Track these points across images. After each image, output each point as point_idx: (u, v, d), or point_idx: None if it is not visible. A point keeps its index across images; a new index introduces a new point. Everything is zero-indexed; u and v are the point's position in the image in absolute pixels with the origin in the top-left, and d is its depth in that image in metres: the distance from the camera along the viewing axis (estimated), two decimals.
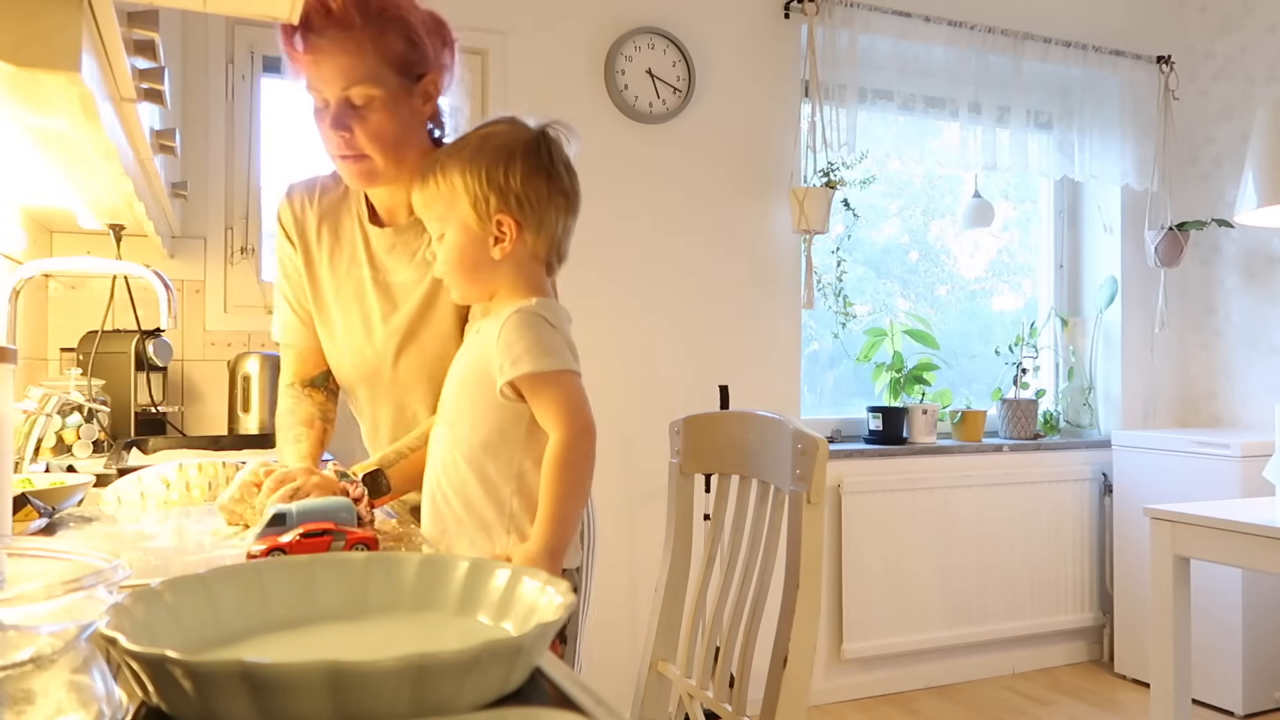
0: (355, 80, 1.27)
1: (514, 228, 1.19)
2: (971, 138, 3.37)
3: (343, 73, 1.27)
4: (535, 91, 2.86)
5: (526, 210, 1.20)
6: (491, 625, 0.71)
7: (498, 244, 1.20)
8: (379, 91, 1.28)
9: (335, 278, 1.45)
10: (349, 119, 1.28)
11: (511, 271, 1.22)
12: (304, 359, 1.50)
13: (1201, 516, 2.21)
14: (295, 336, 1.50)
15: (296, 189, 1.50)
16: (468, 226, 1.20)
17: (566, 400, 1.15)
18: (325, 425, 1.46)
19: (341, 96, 1.28)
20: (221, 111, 2.59)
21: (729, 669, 1.34)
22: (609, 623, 2.85)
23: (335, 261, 1.45)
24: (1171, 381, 3.77)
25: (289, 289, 1.50)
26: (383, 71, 1.28)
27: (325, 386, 1.50)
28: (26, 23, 0.74)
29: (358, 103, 1.28)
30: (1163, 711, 2.27)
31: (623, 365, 2.96)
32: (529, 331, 1.15)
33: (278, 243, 1.51)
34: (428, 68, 1.34)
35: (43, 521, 1.19)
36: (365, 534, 0.99)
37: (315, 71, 1.28)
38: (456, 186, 1.19)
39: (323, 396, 1.49)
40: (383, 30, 1.27)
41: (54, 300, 2.42)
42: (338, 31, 1.26)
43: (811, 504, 1.20)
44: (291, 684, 0.49)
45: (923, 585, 3.31)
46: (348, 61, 1.26)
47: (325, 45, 1.26)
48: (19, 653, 0.51)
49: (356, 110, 1.29)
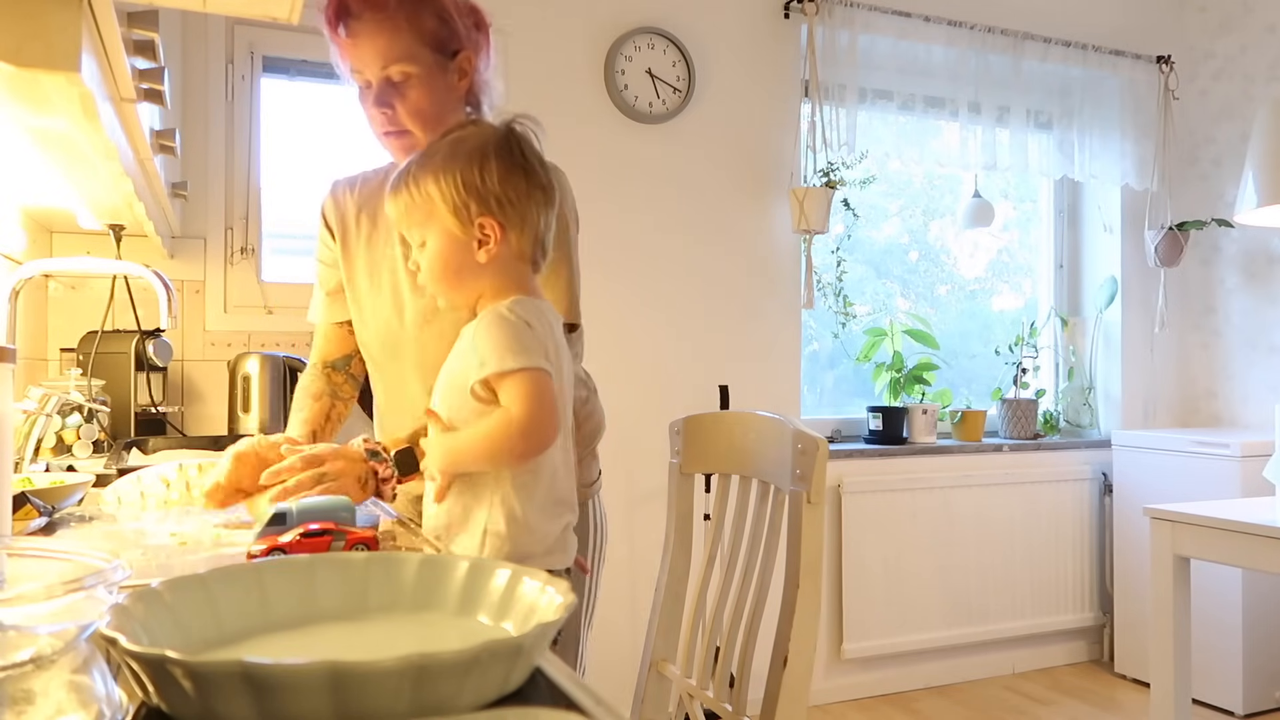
0: (393, 59, 1.36)
1: (498, 230, 1.17)
2: (971, 138, 3.37)
3: (380, 52, 1.36)
4: (535, 91, 2.86)
5: (508, 210, 1.17)
6: (491, 625, 0.71)
7: (482, 247, 1.17)
8: (416, 68, 1.37)
9: (371, 257, 1.50)
10: (390, 96, 1.37)
11: (496, 273, 1.19)
12: (330, 340, 1.59)
13: (1201, 516, 2.21)
14: (327, 318, 1.59)
15: (340, 183, 1.58)
16: (450, 233, 1.17)
17: (532, 392, 1.11)
18: (334, 401, 1.55)
19: (382, 76, 1.37)
20: (221, 111, 2.59)
21: (729, 669, 1.34)
22: (609, 623, 2.85)
23: (372, 243, 1.51)
24: (1171, 381, 3.77)
25: (324, 274, 1.58)
26: (418, 49, 1.37)
27: (346, 370, 1.58)
28: (26, 23, 0.74)
29: (397, 80, 1.37)
30: (1163, 711, 2.27)
31: (623, 365, 2.96)
32: (497, 330, 1.13)
33: (319, 233, 1.58)
34: (461, 44, 1.42)
35: (42, 521, 1.19)
36: (365, 534, 0.99)
37: (356, 54, 1.37)
38: (432, 195, 1.16)
39: (341, 378, 1.58)
40: (416, 10, 1.36)
41: (54, 300, 2.42)
42: (374, 14, 1.35)
43: (811, 504, 1.20)
44: (291, 684, 0.49)
45: (923, 585, 3.31)
46: (385, 41, 1.35)
47: (364, 28, 1.36)
48: (19, 653, 0.51)
49: (396, 87, 1.37)
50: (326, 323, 1.59)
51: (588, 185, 3.05)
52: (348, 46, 1.38)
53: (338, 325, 1.58)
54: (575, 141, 2.91)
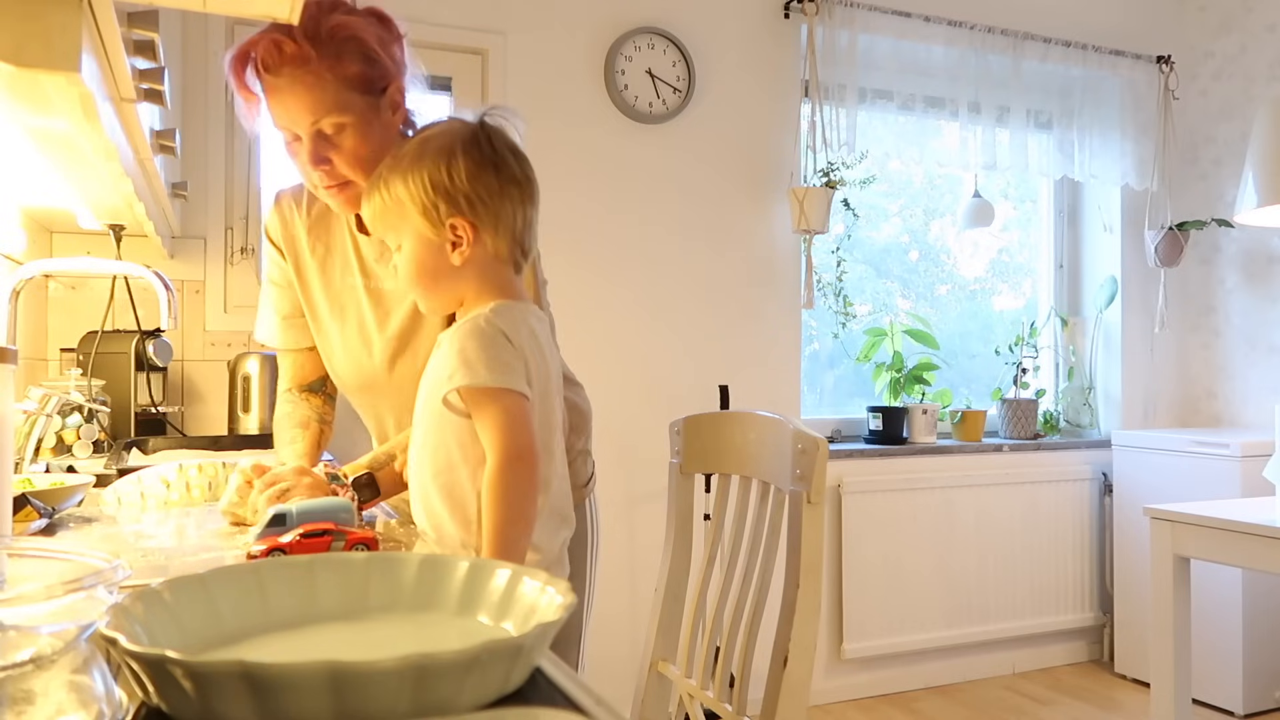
0: (323, 112, 1.25)
1: (470, 230, 1.13)
2: (971, 138, 3.37)
3: (308, 108, 1.24)
4: (535, 91, 2.86)
5: (480, 209, 1.13)
6: (491, 625, 0.71)
7: (455, 249, 1.13)
8: (348, 117, 1.26)
9: (330, 288, 1.44)
10: (325, 150, 1.27)
11: (476, 276, 1.15)
12: (300, 365, 1.51)
13: (1201, 516, 2.21)
14: (290, 343, 1.51)
15: (284, 197, 1.48)
16: (422, 236, 1.13)
17: (504, 421, 1.08)
18: (322, 428, 1.48)
19: (312, 130, 1.26)
20: (221, 111, 2.59)
21: (729, 669, 1.34)
22: (609, 623, 2.84)
23: (328, 271, 1.44)
24: (1171, 381, 3.77)
25: (279, 297, 1.50)
26: (347, 97, 1.25)
27: (323, 391, 1.52)
28: (26, 23, 0.74)
29: (329, 132, 1.26)
30: (1163, 711, 2.27)
31: (623, 365, 2.96)
32: (472, 342, 1.09)
33: (267, 251, 1.49)
34: (389, 78, 1.30)
35: (43, 522, 1.19)
36: (365, 534, 0.99)
37: (280, 110, 1.26)
38: (401, 198, 1.12)
39: (320, 400, 1.51)
40: (339, 56, 1.24)
41: (54, 300, 2.42)
42: (295, 69, 1.23)
43: (811, 504, 1.20)
44: (291, 684, 0.49)
45: (923, 585, 3.31)
46: (310, 96, 1.24)
47: (285, 84, 1.24)
48: (19, 653, 0.51)
49: (330, 140, 1.27)
50: (288, 349, 1.50)
51: (587, 185, 3.07)
52: (268, 103, 1.27)
53: (303, 349, 1.50)
54: (575, 142, 2.91)
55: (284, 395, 1.51)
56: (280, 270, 1.48)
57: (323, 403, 1.51)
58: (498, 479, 1.08)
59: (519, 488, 1.08)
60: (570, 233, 2.87)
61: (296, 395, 1.50)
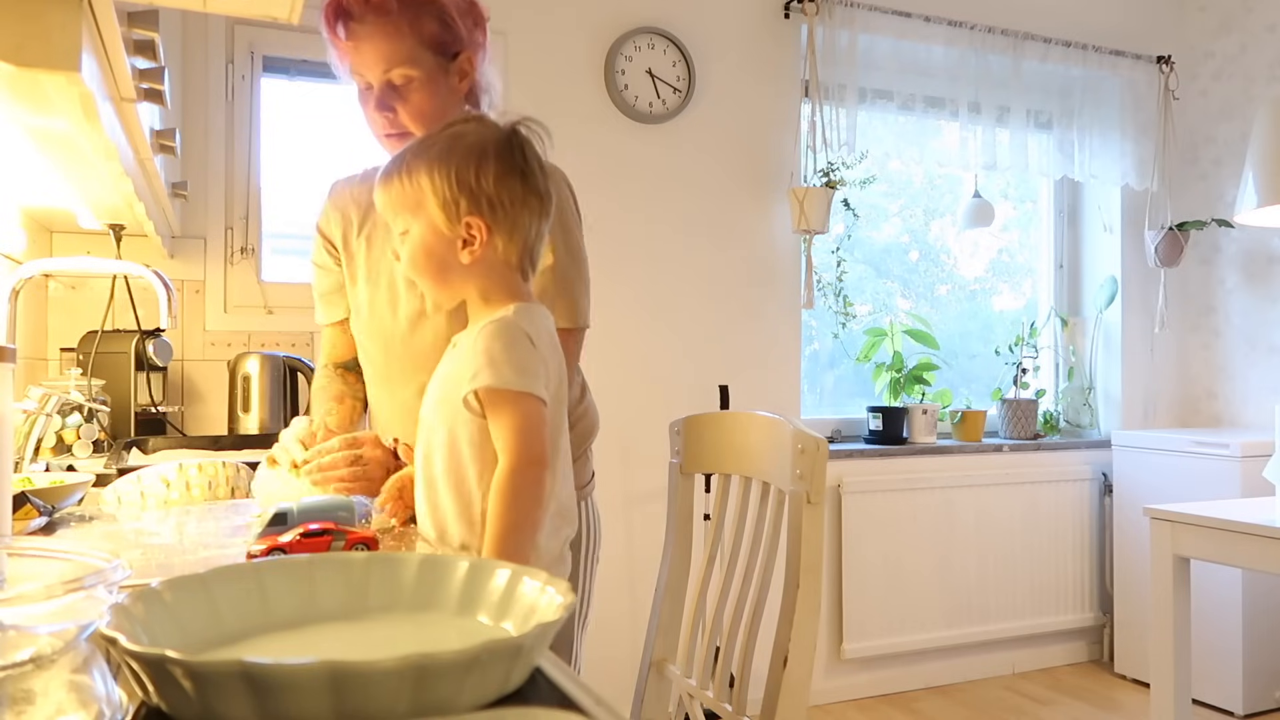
0: (395, 63, 1.36)
1: (484, 231, 1.13)
2: (971, 138, 3.37)
3: (383, 56, 1.36)
4: (535, 91, 2.86)
5: (499, 214, 1.13)
6: (491, 625, 0.71)
7: (466, 247, 1.13)
8: (417, 72, 1.37)
9: (371, 258, 1.50)
10: (392, 100, 1.37)
11: (482, 277, 1.15)
12: (334, 344, 1.60)
13: (1201, 516, 2.21)
14: (327, 318, 1.60)
15: (340, 183, 1.57)
16: (435, 227, 1.13)
17: (520, 425, 1.08)
18: (355, 403, 1.57)
19: (383, 79, 1.37)
20: (221, 111, 2.59)
21: (729, 669, 1.34)
22: (609, 623, 2.84)
23: (373, 242, 1.50)
24: (1171, 381, 3.77)
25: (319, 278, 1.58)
26: (420, 53, 1.37)
27: (358, 369, 1.59)
28: (26, 23, 0.74)
29: (398, 83, 1.37)
30: (1163, 711, 2.27)
31: (623, 365, 2.96)
32: (498, 343, 1.09)
33: (315, 239, 1.58)
34: (462, 46, 1.42)
35: (42, 520, 1.19)
36: (365, 534, 0.99)
37: (358, 57, 1.37)
38: (424, 187, 1.13)
39: (354, 378, 1.59)
40: (418, 13, 1.36)
41: (54, 300, 2.42)
42: (376, 17, 1.35)
43: (811, 504, 1.20)
44: (291, 684, 0.49)
45: (923, 585, 3.31)
46: (387, 45, 1.35)
47: (366, 31, 1.35)
48: (19, 653, 0.51)
49: (398, 91, 1.37)
50: (328, 323, 1.60)
51: (588, 185, 3.05)
52: (347, 49, 1.38)
53: (339, 327, 1.59)
54: (575, 141, 2.91)
55: (320, 370, 1.61)
56: (325, 254, 1.56)
57: (357, 380, 1.58)
58: (508, 483, 1.08)
59: (529, 492, 1.08)
60: None
61: (332, 371, 1.59)
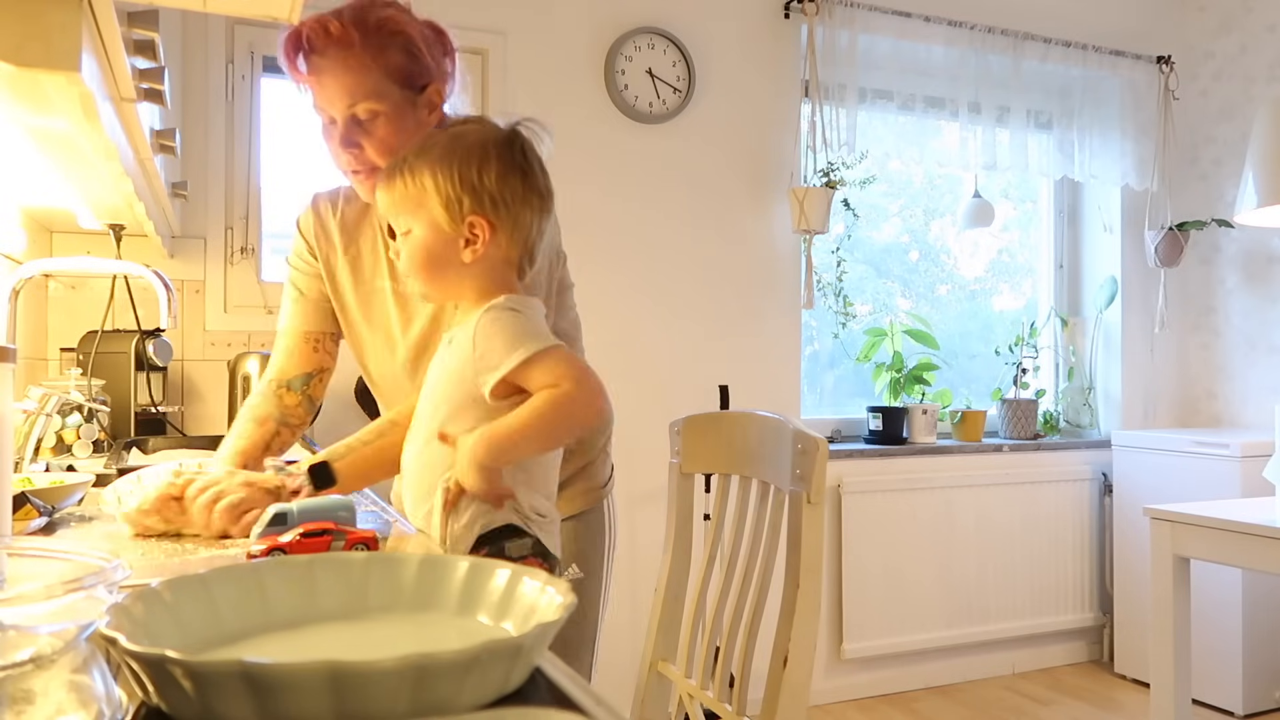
0: (360, 97, 1.29)
1: (487, 230, 1.13)
2: (971, 138, 3.37)
3: (347, 90, 1.29)
4: (535, 91, 2.86)
5: (501, 212, 1.14)
6: (491, 625, 0.71)
7: (469, 246, 1.13)
8: (383, 106, 1.30)
9: (360, 289, 1.45)
10: (357, 135, 1.31)
11: (481, 275, 1.16)
12: (290, 356, 1.48)
13: (1201, 516, 2.21)
14: (292, 328, 1.49)
15: (321, 199, 1.51)
16: (438, 227, 1.14)
17: (565, 364, 1.08)
18: (279, 428, 1.42)
19: (347, 114, 1.30)
20: (221, 111, 2.59)
21: (729, 669, 1.34)
22: (609, 623, 2.84)
23: (358, 273, 1.45)
24: (1171, 381, 3.77)
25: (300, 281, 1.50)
26: (386, 86, 1.30)
27: (303, 390, 1.46)
28: (26, 23, 0.74)
29: (363, 118, 1.30)
30: (1163, 711, 2.27)
31: (623, 365, 2.96)
32: (498, 327, 1.10)
33: (295, 246, 1.50)
34: (430, 78, 1.35)
35: (42, 520, 1.18)
36: (365, 534, 0.99)
37: (320, 91, 1.31)
38: (427, 187, 1.13)
39: (295, 399, 1.45)
40: (383, 46, 1.29)
41: (54, 300, 2.42)
42: (339, 51, 1.28)
43: (811, 504, 1.20)
44: (291, 684, 0.49)
45: (923, 585, 3.31)
46: (351, 79, 1.29)
47: (328, 65, 1.29)
48: (19, 653, 0.51)
49: (363, 125, 1.31)
50: (295, 331, 1.48)
51: (588, 185, 3.06)
52: (310, 83, 1.31)
53: (305, 338, 1.48)
54: (575, 141, 2.91)
55: (257, 388, 1.48)
56: (306, 263, 1.49)
57: (298, 403, 1.45)
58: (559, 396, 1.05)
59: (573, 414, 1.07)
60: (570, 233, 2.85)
61: (270, 389, 1.46)
